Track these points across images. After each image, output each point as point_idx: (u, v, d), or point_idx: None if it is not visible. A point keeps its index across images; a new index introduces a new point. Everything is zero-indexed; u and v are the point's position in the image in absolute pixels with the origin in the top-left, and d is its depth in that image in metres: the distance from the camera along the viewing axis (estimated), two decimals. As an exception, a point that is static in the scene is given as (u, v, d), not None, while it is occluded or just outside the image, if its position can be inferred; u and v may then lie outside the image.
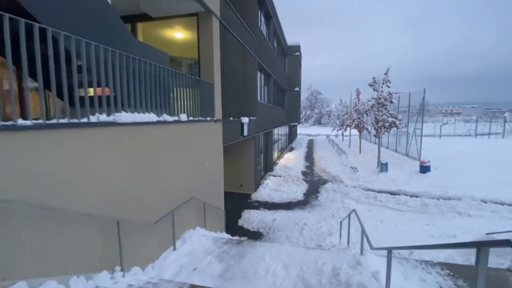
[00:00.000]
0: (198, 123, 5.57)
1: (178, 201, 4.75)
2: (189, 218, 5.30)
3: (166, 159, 4.35)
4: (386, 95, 16.60)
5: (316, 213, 9.18)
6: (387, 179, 13.74)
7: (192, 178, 5.31)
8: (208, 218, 6.07)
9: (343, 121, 30.87)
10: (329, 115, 52.78)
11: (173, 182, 4.59)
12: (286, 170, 15.63)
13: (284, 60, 22.89)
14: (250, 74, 10.13)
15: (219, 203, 6.97)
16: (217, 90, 6.51)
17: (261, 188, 11.78)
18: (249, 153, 11.54)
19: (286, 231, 7.62)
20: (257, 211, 9.33)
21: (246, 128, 9.13)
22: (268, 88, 15.29)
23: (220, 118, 6.80)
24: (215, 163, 6.66)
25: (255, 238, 7.32)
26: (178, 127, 4.75)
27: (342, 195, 10.92)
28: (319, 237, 7.12)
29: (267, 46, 13.88)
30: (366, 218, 8.73)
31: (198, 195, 5.56)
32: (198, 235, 5.05)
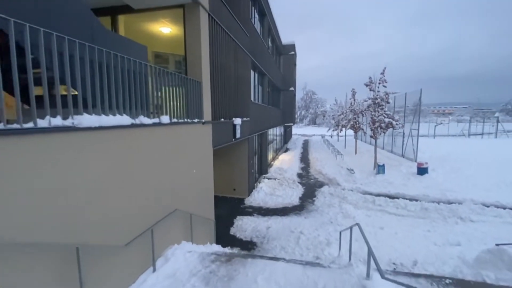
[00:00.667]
0: (184, 125, 5.03)
1: (159, 214, 4.20)
2: (174, 232, 4.75)
3: (143, 168, 3.80)
4: (383, 95, 16.23)
5: (313, 219, 8.71)
6: (384, 182, 13.37)
7: (176, 187, 4.77)
8: (196, 230, 5.52)
9: (338, 121, 30.62)
10: (324, 115, 52.59)
11: (152, 194, 4.04)
12: (281, 172, 15.15)
13: (279, 59, 22.42)
14: (243, 73, 9.61)
15: (209, 212, 6.43)
16: (205, 89, 5.97)
17: (255, 192, 11.27)
18: (243, 155, 11.01)
19: (281, 241, 7.12)
20: (251, 218, 8.81)
21: (239, 129, 8.60)
22: (262, 88, 14.78)
23: (210, 120, 6.26)
24: (204, 169, 6.12)
25: (248, 249, 6.80)
26: (159, 131, 4.20)
27: (339, 199, 10.47)
28: (316, 247, 6.64)
29: (261, 44, 13.37)
30: (365, 225, 8.29)
31: (184, 206, 5.01)
32: (183, 251, 4.51)
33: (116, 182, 3.25)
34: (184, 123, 4.99)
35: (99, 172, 2.98)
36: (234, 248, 6.80)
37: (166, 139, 4.40)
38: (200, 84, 5.72)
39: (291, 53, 23.81)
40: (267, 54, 15.02)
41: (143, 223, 3.80)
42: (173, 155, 4.62)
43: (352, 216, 8.80)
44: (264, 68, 13.80)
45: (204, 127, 5.97)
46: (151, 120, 3.93)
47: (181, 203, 4.92)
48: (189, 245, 4.96)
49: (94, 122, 2.79)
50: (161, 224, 4.21)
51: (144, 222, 3.82)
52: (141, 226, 3.76)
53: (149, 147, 3.93)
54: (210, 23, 6.23)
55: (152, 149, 4.02)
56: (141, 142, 3.74)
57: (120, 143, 3.31)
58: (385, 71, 16.61)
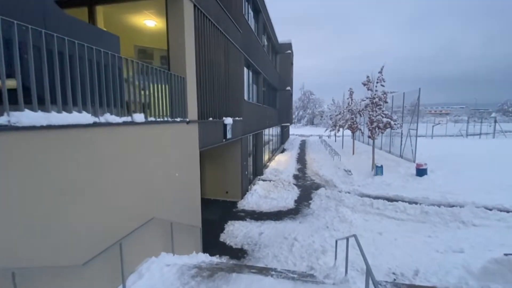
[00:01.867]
0: (164, 125, 4.57)
1: (132, 224, 3.74)
2: (151, 243, 4.29)
3: (111, 173, 3.34)
4: (381, 94, 15.85)
5: (308, 224, 8.27)
6: (382, 183, 12.99)
7: (154, 193, 4.30)
8: (179, 239, 5.06)
9: (336, 121, 30.25)
10: (321, 116, 52.38)
11: (123, 202, 3.58)
12: (277, 173, 14.72)
13: (275, 58, 21.98)
14: (235, 70, 9.16)
15: (195, 218, 5.97)
16: (190, 86, 5.51)
17: (248, 195, 10.82)
18: (236, 156, 10.55)
19: (274, 248, 6.67)
20: (243, 223, 8.35)
21: (230, 129, 8.15)
22: (257, 87, 14.34)
23: (195, 119, 5.80)
24: (189, 172, 5.65)
25: (238, 257, 6.35)
26: (132, 131, 3.74)
27: (336, 202, 10.04)
28: (311, 256, 6.20)
29: (255, 41, 12.92)
30: (363, 230, 7.88)
31: (164, 213, 4.55)
32: (160, 265, 4.05)
33: (75, 191, 2.79)
34: (164, 122, 4.53)
35: (51, 177, 2.51)
36: (223, 257, 6.35)
37: (141, 140, 3.94)
38: (183, 80, 5.26)
39: (287, 52, 23.37)
40: (262, 52, 14.58)
41: (111, 236, 3.34)
42: (150, 157, 4.16)
43: (349, 221, 8.37)
44: (258, 66, 13.36)
45: (189, 127, 5.51)
46: (121, 118, 3.47)
47: (160, 210, 4.46)
48: (169, 257, 4.50)
49: (39, 120, 2.32)
50: (135, 235, 3.75)
51: (112, 234, 3.36)
52: (109, 239, 3.29)
53: (118, 149, 3.47)
54: (196, 15, 5.78)
55: (123, 151, 3.56)
56: (108, 144, 3.28)
57: (79, 145, 2.85)
58: (383, 70, 16.26)
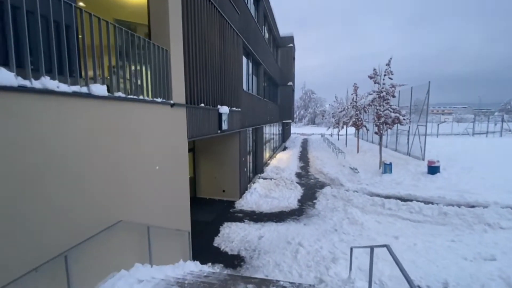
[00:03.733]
0: (139, 104, 3.66)
1: (90, 231, 2.83)
2: (119, 253, 3.38)
3: (57, 161, 2.43)
4: (389, 87, 14.90)
5: (314, 226, 7.35)
6: (392, 182, 12.06)
7: (123, 191, 3.39)
8: (160, 246, 4.15)
9: (339, 119, 29.30)
10: (323, 115, 51.52)
11: (76, 203, 2.67)
12: (278, 171, 13.79)
13: (276, 52, 21.05)
14: (233, 56, 8.25)
15: (182, 221, 5.05)
16: (176, 62, 4.61)
17: (247, 194, 9.90)
18: (233, 152, 9.64)
19: (276, 255, 5.75)
20: (240, 225, 7.44)
21: (226, 120, 7.24)
22: (257, 79, 13.42)
23: (183, 103, 4.89)
24: (175, 166, 4.74)
25: (234, 266, 5.43)
26: (92, 107, 2.84)
27: (344, 202, 9.12)
28: (319, 265, 5.28)
29: (255, 29, 12.01)
30: (375, 233, 6.97)
31: (138, 215, 3.64)
32: (130, 281, 3.14)
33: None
34: (138, 101, 3.63)
35: None
36: (216, 265, 5.43)
37: (105, 120, 3.04)
38: (167, 53, 4.36)
39: (289, 46, 22.41)
40: (262, 42, 13.66)
41: (55, 246, 2.44)
42: (118, 145, 3.26)
43: (360, 223, 7.45)
44: (259, 56, 12.44)
45: (174, 112, 4.60)
46: (71, 87, 2.57)
47: (133, 212, 3.56)
48: (146, 269, 3.59)
49: None
50: (93, 244, 2.85)
51: (59, 244, 2.45)
52: (54, 251, 2.39)
53: (69, 129, 2.57)
54: (184, -20, 4.87)
55: (77, 133, 2.65)
56: (50, 120, 2.38)
57: None
58: (390, 62, 15.33)
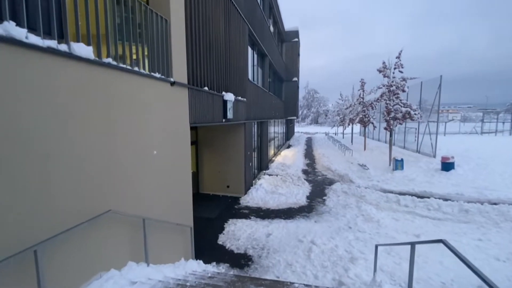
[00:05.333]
0: (133, 76, 3.14)
1: (72, 221, 2.32)
2: (109, 249, 2.86)
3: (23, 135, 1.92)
4: (399, 81, 14.29)
5: (326, 223, 6.80)
6: (404, 178, 11.48)
7: (114, 176, 2.88)
8: (159, 243, 3.64)
9: (344, 116, 28.69)
10: (326, 114, 50.93)
11: (53, 189, 2.16)
12: (284, 168, 13.25)
13: (281, 46, 20.50)
14: (238, 41, 7.73)
15: (183, 215, 4.52)
16: (177, 35, 4.09)
17: (253, 190, 9.37)
18: (238, 145, 9.11)
19: (286, 254, 5.21)
20: (247, 222, 6.91)
21: (231, 108, 6.72)
22: (263, 72, 12.89)
23: (184, 82, 4.37)
24: (176, 152, 4.22)
25: (241, 265, 4.90)
26: (71, 69, 2.32)
27: (356, 199, 8.56)
28: (336, 265, 4.73)
29: (261, 18, 11.48)
30: (394, 231, 6.41)
31: (131, 206, 3.13)
32: (120, 283, 2.62)
33: None
34: (132, 72, 3.11)
35: None
36: (221, 265, 4.91)
37: (89, 89, 2.52)
38: (167, 23, 3.84)
39: (294, 40, 21.85)
40: (268, 33, 13.12)
41: (21, 240, 1.93)
42: (107, 121, 2.74)
43: (375, 220, 6.89)
44: (264, 46, 11.91)
45: (175, 91, 4.09)
46: (45, 41, 2.06)
47: (127, 201, 3.04)
48: (140, 268, 3.07)
49: None
50: (77, 236, 2.35)
51: (22, 236, 1.94)
52: (15, 244, 1.88)
53: (38, 95, 2.06)
54: None
55: (46, 100, 2.14)
56: (14, 78, 1.87)
57: None
58: (401, 55, 14.72)
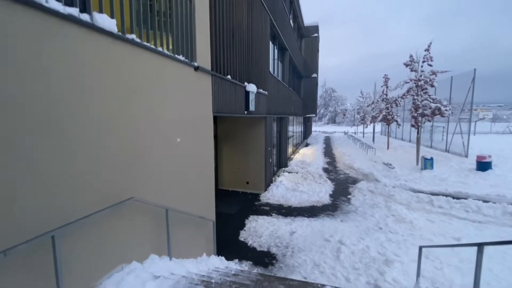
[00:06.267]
0: (158, 56, 2.94)
1: (87, 206, 2.13)
2: (131, 240, 2.67)
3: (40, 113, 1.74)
4: (429, 74, 13.41)
5: (353, 223, 6.37)
6: (435, 178, 10.73)
7: (137, 163, 2.68)
8: (180, 236, 3.43)
9: (365, 114, 27.67)
10: (344, 114, 49.65)
11: (66, 169, 1.98)
12: (303, 166, 12.84)
13: (300, 42, 20.01)
14: (260, 31, 7.45)
15: (206, 207, 4.31)
16: (201, 17, 3.88)
17: (273, 186, 9.07)
18: (259, 140, 8.84)
19: (313, 253, 4.87)
20: (268, 219, 6.62)
21: (253, 100, 6.46)
22: (283, 66, 12.54)
23: (208, 69, 4.15)
24: (199, 141, 4.01)
25: (264, 264, 4.62)
26: (92, 41, 2.13)
27: (384, 198, 8.03)
28: (369, 267, 4.33)
29: (283, 10, 11.14)
30: (430, 233, 5.87)
31: (154, 195, 2.93)
32: (143, 276, 2.42)
33: None
34: (156, 52, 2.91)
35: None
36: (244, 262, 4.65)
37: (111, 65, 2.33)
38: (191, 4, 3.63)
39: (314, 35, 21.25)
40: (288, 26, 12.75)
41: (38, 224, 1.75)
42: (129, 103, 2.55)
43: (408, 221, 6.37)
44: (285, 40, 11.56)
45: (199, 77, 3.87)
46: (66, 8, 1.87)
47: (149, 190, 2.85)
48: (163, 262, 2.86)
49: None
50: (98, 224, 2.16)
51: (39, 221, 1.76)
52: (31, 230, 1.70)
53: (58, 66, 1.87)
54: None
55: (66, 72, 1.96)
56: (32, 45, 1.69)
57: None
58: (430, 47, 13.83)
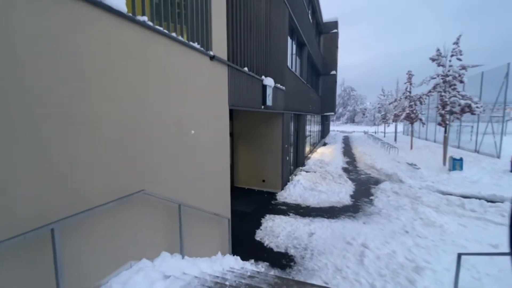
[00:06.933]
0: (171, 42, 2.77)
1: (94, 197, 1.98)
2: (141, 235, 2.51)
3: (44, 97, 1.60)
4: (458, 69, 12.53)
5: (377, 225, 5.96)
6: (465, 180, 9.98)
7: (146, 153, 2.52)
8: (193, 233, 3.26)
9: (386, 113, 26.60)
10: (363, 113, 48.17)
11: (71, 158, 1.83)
12: (321, 165, 12.42)
13: (318, 38, 19.48)
14: (278, 24, 7.19)
15: (221, 204, 4.11)
16: (217, 5, 3.68)
17: (290, 185, 8.78)
18: (276, 137, 8.58)
19: (334, 257, 4.56)
20: (285, 218, 6.36)
21: (271, 95, 6.21)
22: (301, 62, 12.18)
23: (224, 58, 3.95)
24: (214, 134, 3.83)
25: (282, 266, 4.36)
26: (99, 21, 1.98)
27: (410, 200, 7.51)
28: (397, 275, 3.95)
29: (301, 4, 10.79)
30: (463, 239, 5.36)
31: (165, 188, 2.77)
32: (152, 275, 2.25)
33: None
34: (169, 38, 2.74)
35: None
36: (260, 263, 4.42)
37: (120, 48, 2.18)
38: (206, -10, 3.44)
39: (333, 31, 20.60)
40: (307, 21, 12.37)
41: (38, 217, 1.61)
42: (141, 90, 2.39)
43: (438, 225, 5.88)
44: (304, 35, 11.20)
45: (214, 67, 3.68)
46: (70, -19, 1.72)
47: (161, 183, 2.69)
48: (175, 260, 2.69)
49: None
50: (105, 216, 2.01)
51: (39, 213, 1.62)
52: (29, 223, 1.56)
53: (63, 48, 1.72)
54: None
55: (75, 52, 1.81)
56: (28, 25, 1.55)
57: None
58: (459, 40, 12.93)
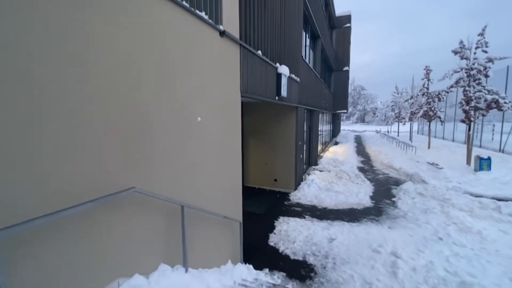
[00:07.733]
0: (172, 5, 2.25)
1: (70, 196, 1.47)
2: (133, 245, 2.00)
3: None
4: (484, 62, 11.64)
5: (404, 231, 5.31)
6: (495, 181, 9.17)
7: (139, 144, 2.01)
8: (199, 239, 2.73)
9: (400, 111, 25.58)
10: (374, 113, 46.87)
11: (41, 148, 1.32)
12: (336, 164, 11.75)
13: (331, 33, 18.75)
14: (293, 11, 6.62)
15: (231, 205, 3.57)
16: (228, -28, 3.15)
17: (304, 185, 8.18)
18: (289, 133, 8.00)
19: (360, 267, 3.96)
20: (301, 221, 5.77)
21: (285, 85, 5.64)
22: (314, 54, 11.55)
23: (236, 36, 3.41)
24: (225, 123, 3.29)
25: (301, 277, 3.79)
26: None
27: (439, 202, 6.80)
28: (440, 291, 3.33)
29: (315, -7, 10.18)
30: (507, 248, 4.67)
31: (163, 186, 2.25)
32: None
33: None
34: (172, 1, 2.22)
35: None
36: (276, 273, 3.87)
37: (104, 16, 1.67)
38: (216, -48, 2.91)
39: (346, 26, 19.80)
40: (321, 12, 11.73)
41: None
42: (129, 64, 1.88)
43: (475, 231, 5.18)
44: (318, 26, 10.57)
45: (225, 44, 3.15)
46: None
47: (157, 181, 2.17)
48: (176, 274, 2.17)
49: None
50: (84, 220, 1.51)
51: None
52: None
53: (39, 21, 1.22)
54: None
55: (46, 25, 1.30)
56: None
57: None
58: (485, 31, 12.02)
